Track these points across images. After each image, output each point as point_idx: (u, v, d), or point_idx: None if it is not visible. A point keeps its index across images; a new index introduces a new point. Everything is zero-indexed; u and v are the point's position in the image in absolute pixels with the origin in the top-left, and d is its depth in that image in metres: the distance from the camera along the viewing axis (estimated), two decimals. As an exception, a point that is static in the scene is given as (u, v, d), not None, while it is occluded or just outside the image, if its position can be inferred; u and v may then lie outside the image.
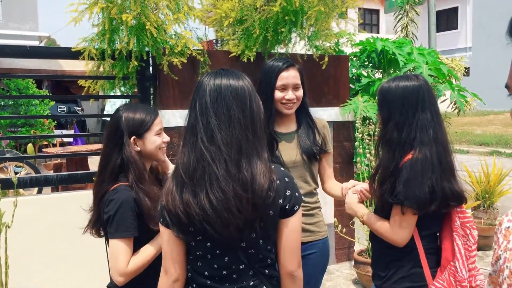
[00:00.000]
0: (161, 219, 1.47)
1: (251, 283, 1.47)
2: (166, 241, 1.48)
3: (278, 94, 2.25)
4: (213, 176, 1.37)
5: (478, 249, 4.99)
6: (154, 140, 1.90)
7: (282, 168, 1.52)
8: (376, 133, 4.44)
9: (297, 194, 1.48)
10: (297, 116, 2.37)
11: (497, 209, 5.51)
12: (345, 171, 4.62)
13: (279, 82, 2.24)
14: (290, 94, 2.24)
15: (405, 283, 1.88)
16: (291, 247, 1.48)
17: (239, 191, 1.36)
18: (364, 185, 2.16)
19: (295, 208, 1.47)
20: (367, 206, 4.28)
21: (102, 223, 1.83)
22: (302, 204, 1.54)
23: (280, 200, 1.44)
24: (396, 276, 1.90)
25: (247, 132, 1.41)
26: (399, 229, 1.84)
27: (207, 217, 1.37)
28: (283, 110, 2.28)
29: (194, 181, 1.39)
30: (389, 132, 1.90)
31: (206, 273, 1.47)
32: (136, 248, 1.80)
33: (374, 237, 2.02)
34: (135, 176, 1.82)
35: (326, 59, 4.24)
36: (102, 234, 1.90)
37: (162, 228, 1.48)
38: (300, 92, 2.29)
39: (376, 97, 2.00)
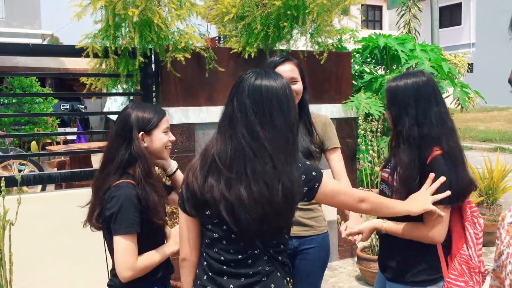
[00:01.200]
0: (180, 202, 1.57)
1: (267, 268, 1.50)
2: (183, 223, 1.58)
3: None
4: (258, 172, 1.40)
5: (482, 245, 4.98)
6: (161, 138, 1.93)
7: None
8: (378, 129, 4.44)
9: (313, 173, 1.53)
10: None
11: (501, 205, 5.50)
12: (348, 168, 4.57)
13: None
14: None
15: (422, 276, 1.90)
16: (346, 203, 1.65)
17: (282, 195, 1.41)
18: (350, 224, 2.11)
19: (316, 186, 1.53)
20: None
21: (105, 219, 1.83)
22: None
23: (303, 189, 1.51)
24: (414, 270, 1.91)
25: (289, 135, 1.47)
26: (439, 227, 1.85)
27: (242, 208, 1.40)
28: None
29: (232, 172, 1.42)
30: (407, 128, 1.89)
31: (222, 258, 1.51)
32: (138, 243, 1.81)
33: (386, 234, 2.01)
34: (143, 170, 1.85)
35: (325, 54, 4.22)
36: (100, 228, 1.91)
37: (180, 211, 1.58)
38: (298, 86, 2.27)
39: (386, 96, 1.99)
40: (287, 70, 2.25)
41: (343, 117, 4.56)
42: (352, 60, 4.85)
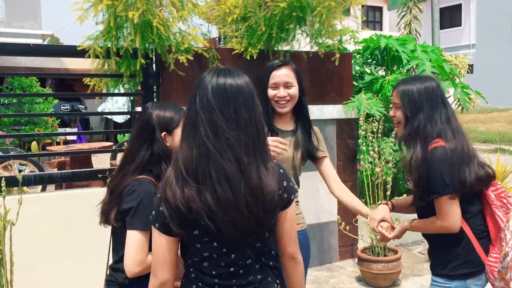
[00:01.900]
0: (157, 224, 1.44)
1: (259, 277, 1.49)
2: (161, 246, 1.45)
3: (270, 92, 2.32)
4: (221, 172, 1.36)
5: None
6: None
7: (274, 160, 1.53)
8: (379, 130, 4.43)
9: (291, 183, 1.51)
10: (296, 116, 2.41)
11: (501, 207, 5.49)
12: (348, 169, 4.62)
13: (271, 81, 2.31)
14: (281, 92, 2.29)
15: (462, 270, 1.98)
16: (290, 234, 1.53)
17: (249, 194, 1.37)
18: (381, 215, 2.22)
19: (292, 198, 1.51)
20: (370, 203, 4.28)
21: (121, 212, 1.84)
22: None
23: (280, 192, 1.46)
24: (452, 264, 2.00)
25: (255, 132, 1.43)
26: (448, 216, 1.94)
27: (213, 215, 1.37)
28: (277, 108, 2.33)
29: (198, 178, 1.38)
30: (419, 129, 2.03)
31: (213, 272, 1.46)
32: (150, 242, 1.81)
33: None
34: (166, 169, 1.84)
35: (338, 55, 4.25)
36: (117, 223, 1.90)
37: (156, 233, 1.45)
38: (293, 90, 2.32)
39: (399, 98, 2.12)
40: (282, 74, 2.31)
41: (343, 118, 4.56)
42: (352, 61, 4.85)
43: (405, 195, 4.29)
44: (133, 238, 1.76)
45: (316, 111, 4.42)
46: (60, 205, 3.39)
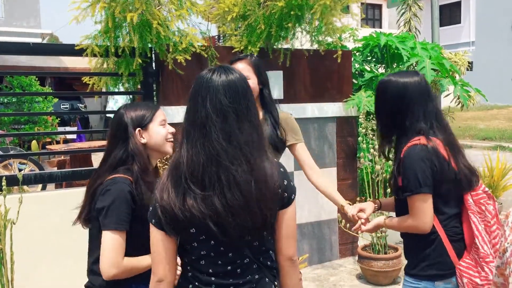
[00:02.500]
0: (153, 220, 1.43)
1: (256, 276, 1.47)
2: (158, 242, 1.43)
3: None
4: (231, 178, 1.34)
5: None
6: (159, 131, 1.91)
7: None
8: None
9: (292, 183, 1.48)
10: (263, 110, 2.45)
11: (501, 204, 5.50)
12: (349, 167, 4.62)
13: None
14: None
15: (431, 271, 1.93)
16: (289, 235, 1.49)
17: (258, 192, 1.36)
18: (362, 205, 2.24)
19: (292, 197, 1.48)
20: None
21: (95, 212, 1.80)
22: None
23: (280, 191, 1.44)
24: (422, 264, 1.95)
25: (258, 130, 1.42)
26: (420, 216, 1.89)
27: (220, 220, 1.35)
28: None
29: (204, 183, 1.35)
30: (397, 125, 1.99)
31: (210, 270, 1.45)
32: (127, 242, 1.77)
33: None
34: (139, 167, 1.82)
35: (340, 52, 4.24)
36: (89, 223, 1.89)
37: (153, 229, 1.43)
38: (250, 83, 2.36)
39: (378, 92, 2.07)
40: (240, 69, 2.33)
41: (343, 115, 4.56)
42: (352, 59, 4.85)
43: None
44: (107, 238, 1.73)
45: (316, 109, 4.42)
46: (60, 204, 3.39)
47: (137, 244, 1.79)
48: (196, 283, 1.47)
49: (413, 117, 1.95)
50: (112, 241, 1.72)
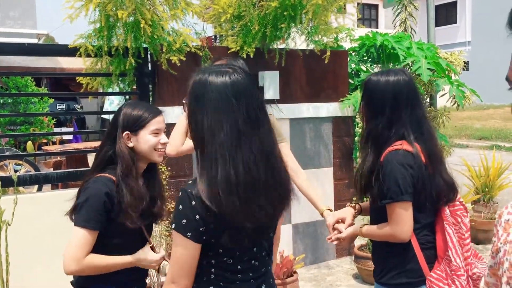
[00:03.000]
0: (189, 234, 1.34)
1: (268, 268, 1.51)
2: (189, 254, 1.37)
3: None
4: (270, 186, 1.36)
5: (478, 243, 4.99)
6: (148, 140, 1.86)
7: None
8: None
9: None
10: None
11: (497, 203, 5.51)
12: (345, 167, 4.62)
13: None
14: None
15: (401, 278, 1.87)
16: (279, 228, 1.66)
17: (284, 194, 1.43)
18: (341, 214, 2.16)
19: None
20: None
21: (73, 208, 1.84)
22: None
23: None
24: (393, 272, 1.89)
25: (274, 132, 1.43)
26: (399, 224, 1.82)
27: (262, 224, 1.39)
28: None
29: (246, 189, 1.32)
30: (379, 128, 1.88)
31: (238, 267, 1.43)
32: (102, 242, 1.79)
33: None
34: (121, 171, 1.81)
35: (328, 53, 4.24)
36: None
37: (188, 243, 1.35)
38: None
39: (364, 91, 1.97)
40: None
41: (340, 115, 4.56)
42: (348, 59, 4.86)
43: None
44: (73, 234, 1.76)
45: (312, 109, 4.42)
46: (56, 205, 3.37)
47: (114, 247, 1.81)
48: (221, 284, 1.43)
49: (398, 120, 1.85)
50: (77, 238, 1.75)
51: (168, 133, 2.01)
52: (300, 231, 4.42)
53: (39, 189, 6.19)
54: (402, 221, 1.80)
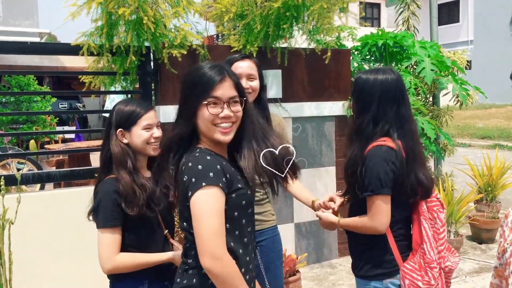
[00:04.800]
0: (220, 183, 1.42)
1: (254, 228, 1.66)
2: (222, 208, 1.40)
3: None
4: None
5: (481, 242, 4.98)
6: (140, 135, 1.93)
7: None
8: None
9: None
10: (258, 112, 2.42)
11: (500, 202, 5.50)
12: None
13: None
14: (243, 83, 2.25)
15: (377, 270, 1.96)
16: None
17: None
18: (333, 196, 2.22)
19: None
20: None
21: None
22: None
23: None
24: (369, 264, 1.98)
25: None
26: (378, 216, 1.90)
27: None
28: None
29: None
30: (365, 124, 1.95)
31: (249, 229, 1.55)
32: (124, 238, 1.86)
33: (348, 230, 2.10)
34: (115, 165, 1.89)
35: (329, 53, 4.23)
36: None
37: (220, 193, 1.41)
38: (255, 83, 2.31)
39: (353, 88, 2.05)
40: (245, 66, 2.30)
41: (343, 114, 4.56)
42: (351, 58, 4.85)
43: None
44: (98, 237, 1.84)
45: (314, 108, 4.42)
46: (58, 203, 3.39)
47: (136, 241, 1.88)
48: (241, 250, 1.51)
49: (384, 117, 1.93)
50: (102, 239, 1.83)
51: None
52: (303, 230, 4.42)
53: (42, 188, 6.19)
54: (381, 213, 1.89)
